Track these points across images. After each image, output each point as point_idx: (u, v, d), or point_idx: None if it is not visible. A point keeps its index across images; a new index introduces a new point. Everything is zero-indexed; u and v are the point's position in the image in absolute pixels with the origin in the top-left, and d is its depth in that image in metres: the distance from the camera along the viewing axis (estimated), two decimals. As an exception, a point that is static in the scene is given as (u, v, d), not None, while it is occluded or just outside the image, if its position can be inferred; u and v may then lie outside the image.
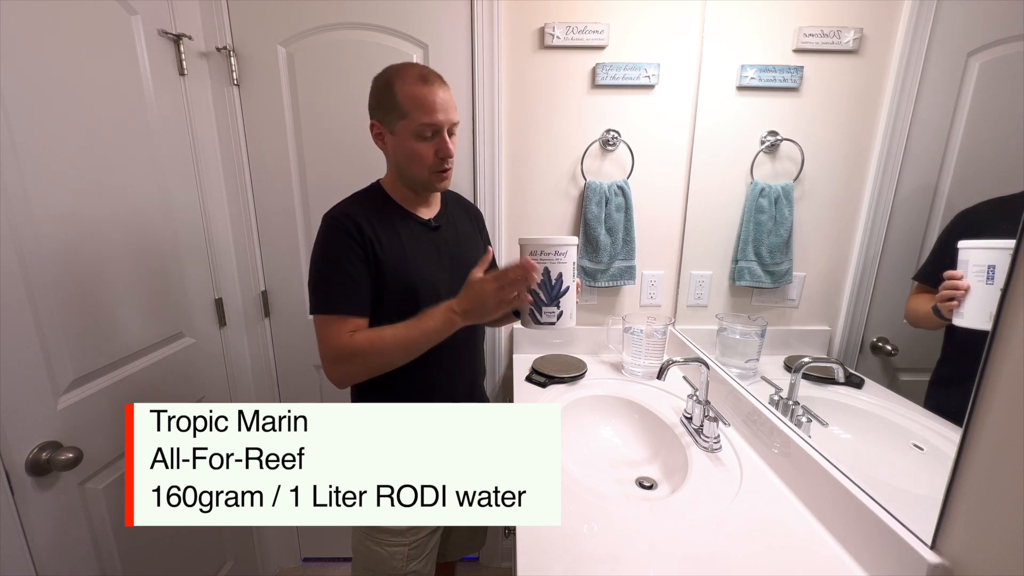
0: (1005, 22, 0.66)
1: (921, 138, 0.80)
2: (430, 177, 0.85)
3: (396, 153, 0.85)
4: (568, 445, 0.99)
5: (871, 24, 0.94)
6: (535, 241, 0.78)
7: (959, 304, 0.63)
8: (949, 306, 0.65)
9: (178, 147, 1.18)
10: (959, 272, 0.64)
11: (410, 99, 0.80)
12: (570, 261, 0.79)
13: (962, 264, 0.64)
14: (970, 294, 0.62)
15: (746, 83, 1.16)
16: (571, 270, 0.79)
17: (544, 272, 0.78)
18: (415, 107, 0.79)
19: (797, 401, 0.90)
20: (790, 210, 1.12)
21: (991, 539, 0.50)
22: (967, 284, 0.63)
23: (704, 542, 0.70)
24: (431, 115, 0.79)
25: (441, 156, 0.82)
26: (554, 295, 0.79)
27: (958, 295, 0.63)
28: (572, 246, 0.78)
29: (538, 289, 0.80)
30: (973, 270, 0.63)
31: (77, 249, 0.89)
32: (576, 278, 0.82)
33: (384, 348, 0.79)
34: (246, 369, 1.43)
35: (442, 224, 0.92)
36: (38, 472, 0.80)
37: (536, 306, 0.80)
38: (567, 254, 0.78)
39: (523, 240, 0.79)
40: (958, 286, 0.63)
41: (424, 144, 0.82)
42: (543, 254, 0.78)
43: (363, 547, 0.92)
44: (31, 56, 0.81)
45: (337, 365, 0.82)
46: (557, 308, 0.80)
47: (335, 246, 0.81)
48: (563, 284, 0.79)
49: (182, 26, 1.17)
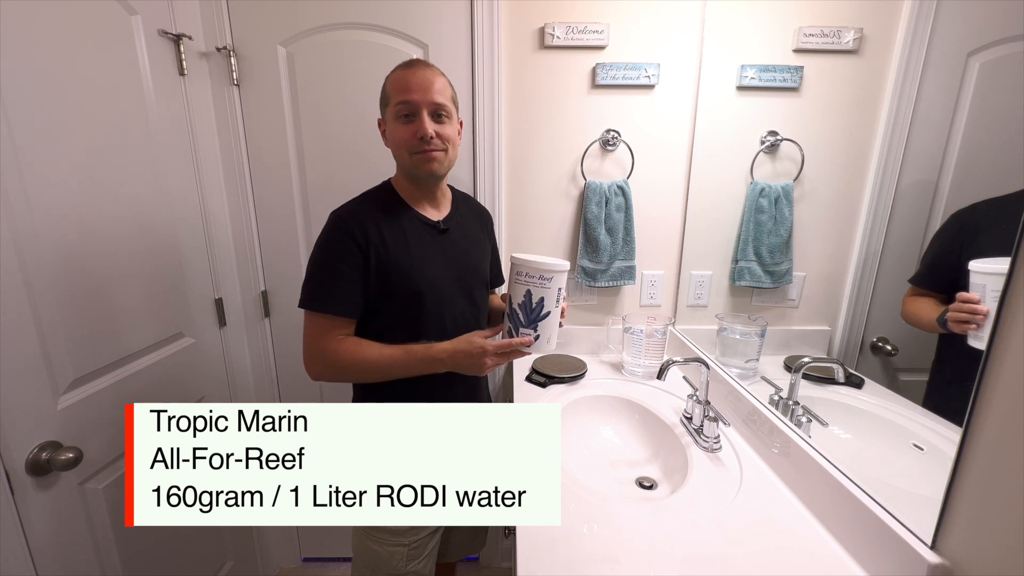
0: (1005, 22, 0.66)
1: (921, 138, 0.80)
2: (412, 160, 0.84)
3: (389, 143, 0.87)
4: (568, 445, 0.99)
5: (871, 24, 0.94)
6: (523, 262, 0.78)
7: (978, 328, 0.61)
8: (965, 328, 0.63)
9: (178, 147, 1.18)
10: (975, 296, 0.62)
11: (392, 83, 0.83)
12: (555, 287, 0.78)
13: (977, 288, 0.62)
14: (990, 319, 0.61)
15: (746, 83, 1.16)
16: (555, 296, 0.79)
17: (526, 294, 0.78)
18: (394, 90, 0.82)
19: (797, 401, 0.90)
20: (790, 210, 1.12)
21: (991, 539, 0.50)
22: (986, 309, 0.60)
23: (704, 542, 0.70)
24: (407, 93, 0.81)
25: (419, 136, 0.81)
26: (532, 318, 0.79)
27: (977, 319, 0.61)
28: (559, 272, 0.78)
29: (518, 309, 0.80)
30: (991, 295, 0.61)
31: (77, 249, 0.89)
32: (562, 303, 0.82)
33: (363, 368, 0.82)
34: (246, 369, 1.43)
35: (451, 226, 0.92)
36: (38, 472, 0.80)
37: (514, 325, 0.80)
38: (552, 280, 0.78)
39: (514, 259, 0.79)
40: (977, 311, 0.61)
41: (404, 126, 0.82)
42: (527, 276, 0.78)
43: (363, 547, 0.92)
44: (31, 56, 0.81)
45: (313, 365, 0.84)
46: (534, 331, 0.80)
47: (334, 246, 0.82)
48: (543, 308, 0.79)
49: (182, 26, 1.17)
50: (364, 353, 0.82)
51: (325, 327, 0.83)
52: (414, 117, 0.82)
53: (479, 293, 0.96)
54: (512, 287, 0.80)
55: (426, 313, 0.86)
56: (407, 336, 0.85)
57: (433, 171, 0.85)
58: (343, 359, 0.82)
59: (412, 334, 0.86)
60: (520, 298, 0.79)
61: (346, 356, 0.82)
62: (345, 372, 0.84)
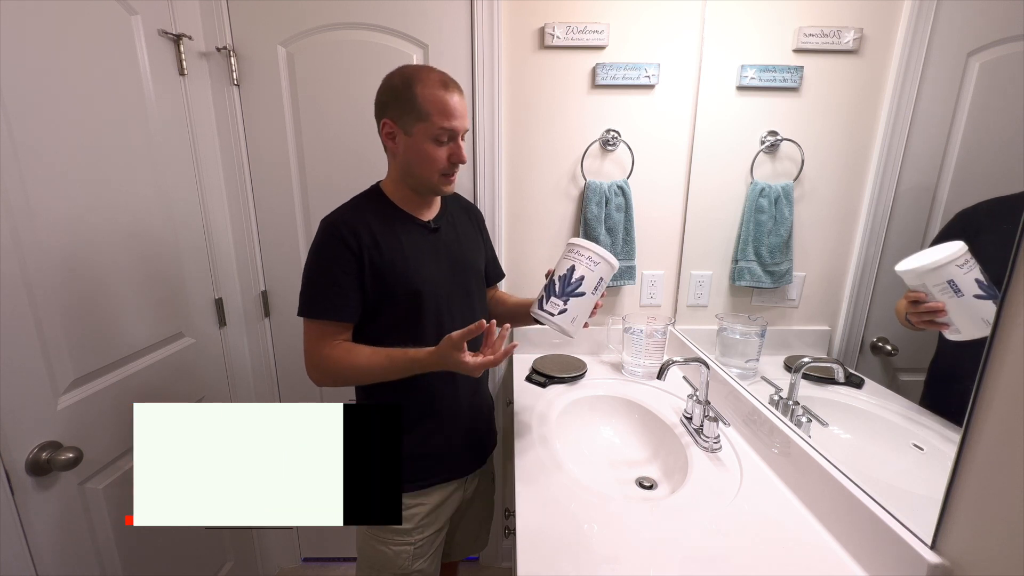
0: (1005, 22, 0.66)
1: (921, 138, 0.80)
2: (439, 180, 0.86)
3: (408, 154, 0.85)
4: (568, 445, 0.99)
5: (871, 24, 0.94)
6: (578, 242, 0.84)
7: (947, 326, 0.63)
8: (932, 327, 0.65)
9: (178, 147, 1.18)
10: (921, 294, 0.64)
11: (431, 102, 0.80)
12: (598, 274, 0.83)
13: (919, 287, 0.64)
14: (950, 312, 0.61)
15: (746, 83, 1.16)
16: (595, 282, 0.83)
17: (570, 268, 0.82)
18: (436, 111, 0.80)
19: (797, 401, 0.90)
20: (790, 210, 1.12)
21: (991, 539, 0.50)
22: (940, 305, 0.62)
23: (704, 542, 0.70)
24: (450, 120, 0.81)
25: (454, 161, 0.84)
26: (567, 291, 0.82)
27: (938, 317, 0.63)
28: (606, 262, 0.83)
29: (556, 280, 0.83)
30: (936, 290, 0.62)
31: (77, 249, 0.89)
32: (598, 297, 0.85)
33: (353, 374, 0.84)
34: (246, 369, 1.43)
35: (442, 225, 0.93)
36: (38, 472, 0.80)
37: (547, 294, 0.84)
38: (598, 266, 0.82)
39: (571, 240, 0.85)
40: (934, 308, 0.63)
41: (439, 148, 0.83)
42: (577, 253, 0.83)
43: (368, 547, 0.93)
44: (31, 56, 0.81)
45: (312, 371, 0.86)
46: (563, 304, 0.82)
47: (327, 253, 0.82)
48: (580, 287, 0.82)
49: (182, 26, 1.17)
50: (353, 359, 0.83)
51: (321, 333, 0.84)
52: (450, 141, 0.83)
53: (477, 289, 0.97)
54: (559, 262, 0.86)
55: (425, 312, 0.86)
56: (408, 336, 0.85)
57: (452, 192, 0.91)
58: (335, 365, 0.83)
59: (413, 334, 0.86)
60: (563, 271, 0.83)
61: (338, 362, 0.83)
62: (340, 377, 0.85)
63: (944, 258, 0.61)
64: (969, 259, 0.59)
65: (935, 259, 0.63)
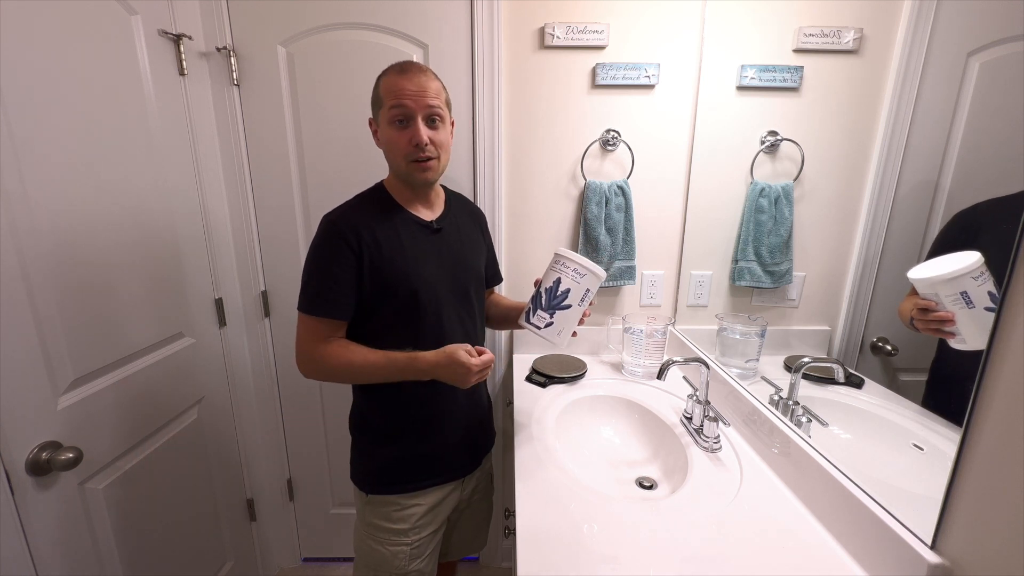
0: (1005, 22, 0.66)
1: (921, 138, 0.80)
2: (408, 167, 0.84)
3: (381, 145, 0.87)
4: (568, 445, 0.99)
5: (871, 24, 0.94)
6: (564, 254, 0.84)
7: (954, 335, 0.62)
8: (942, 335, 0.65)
9: (178, 147, 1.18)
10: (931, 303, 0.64)
11: (385, 88, 0.82)
12: (584, 287, 0.83)
13: (931, 296, 0.64)
14: (958, 323, 0.61)
15: (746, 83, 1.16)
16: (581, 294, 0.83)
17: (556, 281, 0.83)
18: (388, 93, 0.82)
19: (797, 401, 0.90)
20: (790, 210, 1.12)
21: (991, 539, 0.50)
22: (950, 315, 0.62)
23: (704, 542, 0.70)
24: (399, 98, 0.80)
25: (414, 143, 0.82)
26: (553, 304, 0.83)
27: (946, 327, 0.62)
28: (592, 274, 0.83)
29: (543, 292, 0.83)
30: (947, 300, 0.62)
31: (78, 249, 0.89)
32: (586, 307, 0.85)
33: (348, 371, 0.85)
34: (246, 369, 1.43)
35: (444, 226, 0.92)
36: (38, 472, 0.80)
37: (533, 306, 0.85)
38: (584, 278, 0.83)
39: (558, 251, 0.85)
40: (943, 318, 0.62)
41: (400, 132, 0.82)
42: (562, 265, 0.83)
43: (365, 546, 0.93)
44: (31, 56, 0.81)
45: (303, 364, 0.86)
46: (550, 317, 0.83)
47: (327, 250, 0.83)
48: (566, 299, 0.83)
49: (182, 26, 1.17)
50: (349, 357, 0.83)
51: (316, 329, 0.84)
52: (409, 122, 0.82)
53: (476, 291, 0.97)
54: (546, 273, 0.86)
55: (422, 312, 0.86)
56: (405, 336, 0.86)
57: (428, 180, 0.87)
58: (329, 362, 0.83)
59: (410, 333, 0.86)
60: (549, 283, 0.84)
61: (332, 359, 0.83)
62: (332, 374, 0.85)
63: (960, 270, 0.60)
64: (984, 271, 0.58)
65: (951, 270, 0.62)
